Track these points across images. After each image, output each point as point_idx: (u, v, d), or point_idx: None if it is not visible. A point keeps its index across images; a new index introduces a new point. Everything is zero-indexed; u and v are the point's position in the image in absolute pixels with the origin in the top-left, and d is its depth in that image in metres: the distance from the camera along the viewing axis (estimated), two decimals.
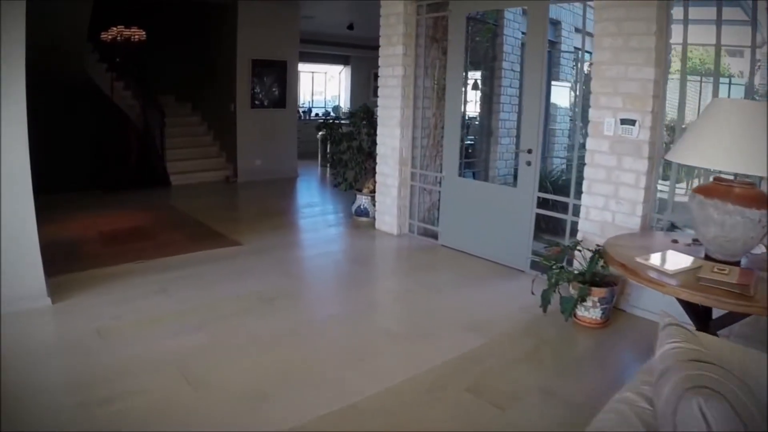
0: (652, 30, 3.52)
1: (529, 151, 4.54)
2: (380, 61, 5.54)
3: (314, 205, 7.20)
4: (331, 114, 12.89)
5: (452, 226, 5.22)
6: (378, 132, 5.60)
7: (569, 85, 8.93)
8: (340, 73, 13.49)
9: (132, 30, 8.65)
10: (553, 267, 3.74)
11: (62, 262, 4.39)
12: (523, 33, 7.27)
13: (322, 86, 13.71)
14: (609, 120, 3.82)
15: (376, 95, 5.12)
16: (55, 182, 7.54)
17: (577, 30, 8.20)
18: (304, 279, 4.26)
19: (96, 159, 8.35)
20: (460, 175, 5.28)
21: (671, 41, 3.70)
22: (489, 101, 6.94)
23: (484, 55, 6.80)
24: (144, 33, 8.70)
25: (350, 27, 10.66)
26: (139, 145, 8.56)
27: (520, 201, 4.59)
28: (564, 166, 7.70)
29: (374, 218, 5.90)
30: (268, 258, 4.72)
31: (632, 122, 3.73)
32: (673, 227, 3.98)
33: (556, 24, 8.52)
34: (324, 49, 12.16)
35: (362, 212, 6.04)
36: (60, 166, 8.05)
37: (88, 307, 3.55)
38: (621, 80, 3.72)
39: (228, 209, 6.95)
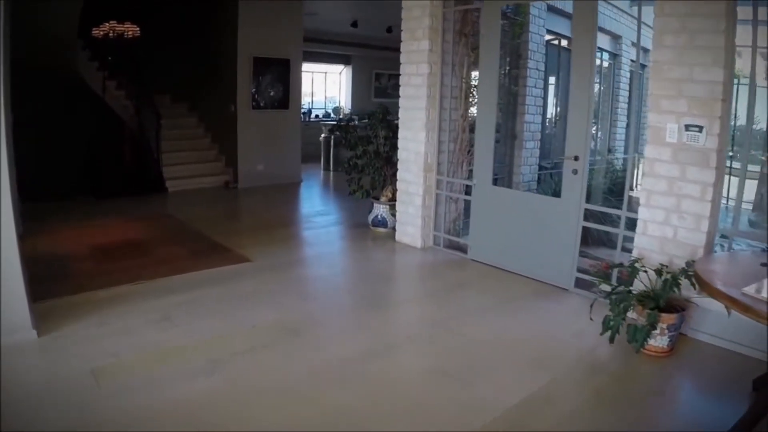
0: (720, 27, 3.13)
1: (576, 158, 4.09)
2: (402, 58, 5.05)
3: (324, 214, 6.68)
4: (332, 115, 12.38)
5: (484, 239, 4.75)
6: (399, 135, 5.11)
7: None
8: (340, 73, 12.98)
9: (125, 25, 8.10)
10: (615, 290, 3.29)
11: (49, 283, 3.86)
12: (548, 30, 6.87)
13: (322, 87, 13.18)
14: (672, 126, 3.39)
15: (377, 96, 4.73)
16: (42, 189, 6.98)
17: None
18: (327, 303, 3.75)
19: (87, 164, 7.78)
20: (494, 183, 4.80)
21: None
22: (513, 103, 6.48)
23: (510, 53, 6.34)
24: (138, 29, 8.15)
25: (354, 24, 10.20)
26: (134, 149, 8.00)
27: (565, 212, 4.15)
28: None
29: (393, 229, 5.42)
30: (281, 277, 4.21)
31: (699, 128, 3.31)
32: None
33: (617, 38, 8.50)
34: (324, 48, 11.64)
35: (380, 222, 5.55)
36: (48, 172, 7.49)
37: (81, 342, 3.02)
38: (686, 82, 3.31)
39: (231, 219, 6.42)
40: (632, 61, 8.99)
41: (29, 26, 6.35)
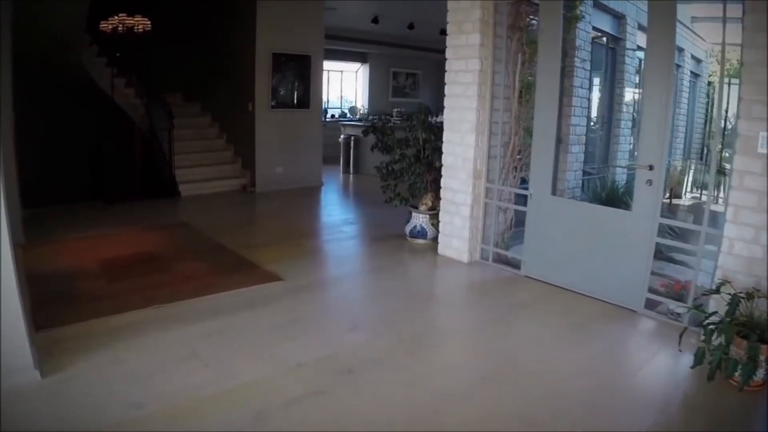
0: None
1: (651, 168, 3.59)
2: (448, 53, 4.54)
3: (353, 223, 6.14)
4: (348, 115, 11.87)
5: (540, 254, 4.25)
6: (444, 138, 4.59)
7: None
8: (357, 71, 12.47)
9: (135, 19, 7.59)
10: (711, 319, 2.85)
11: (54, 307, 3.36)
12: (594, 28, 6.37)
13: (337, 86, 12.66)
14: (764, 134, 2.96)
15: (395, 95, 4.24)
16: (46, 193, 6.49)
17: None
18: (378, 334, 3.22)
19: (94, 166, 7.27)
20: (553, 192, 4.28)
21: None
22: (559, 104, 5.95)
23: None
24: (148, 22, 7.64)
25: (375, 20, 9.69)
26: (144, 150, 7.48)
27: (636, 227, 3.68)
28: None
29: (434, 240, 4.93)
30: (319, 300, 3.70)
31: None
32: None
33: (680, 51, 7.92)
34: (341, 45, 11.12)
35: (419, 233, 5.03)
36: (53, 175, 7.01)
37: (93, 387, 2.51)
38: None
39: (252, 227, 5.90)
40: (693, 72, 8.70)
41: (33, 22, 5.91)
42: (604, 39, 6.74)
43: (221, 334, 3.08)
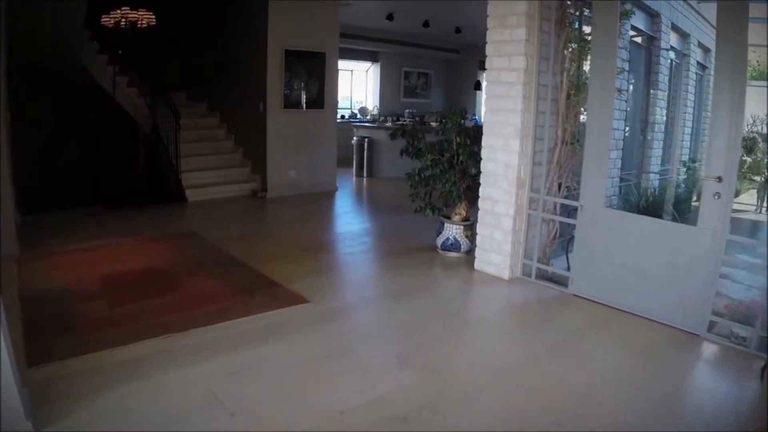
0: None
1: (719, 180, 3.18)
2: (489, 50, 4.11)
3: (375, 233, 5.66)
4: (359, 116, 11.43)
5: (591, 272, 3.84)
6: (484, 143, 4.16)
7: None
8: (367, 71, 12.03)
9: (139, 13, 7.14)
10: None
11: (49, 336, 2.93)
12: (633, 27, 5.96)
13: (347, 86, 12.20)
14: None
15: (406, 96, 3.83)
16: (44, 198, 6.05)
17: None
18: (431, 368, 2.75)
19: (95, 170, 6.84)
20: (608, 204, 3.86)
21: None
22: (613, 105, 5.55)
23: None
24: (153, 16, 7.20)
25: (390, 17, 9.26)
26: (148, 153, 7.03)
27: (701, 243, 3.30)
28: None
29: (467, 253, 4.53)
30: (355, 327, 3.26)
31: None
32: None
33: (686, 36, 7.46)
34: (351, 43, 10.67)
35: (452, 246, 4.60)
36: (51, 178, 6.58)
37: None
38: None
39: (266, 238, 5.43)
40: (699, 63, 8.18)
41: (27, 17, 5.47)
42: (640, 38, 6.33)
43: (246, 372, 2.64)
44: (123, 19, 7.12)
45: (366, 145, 8.96)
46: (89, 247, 4.64)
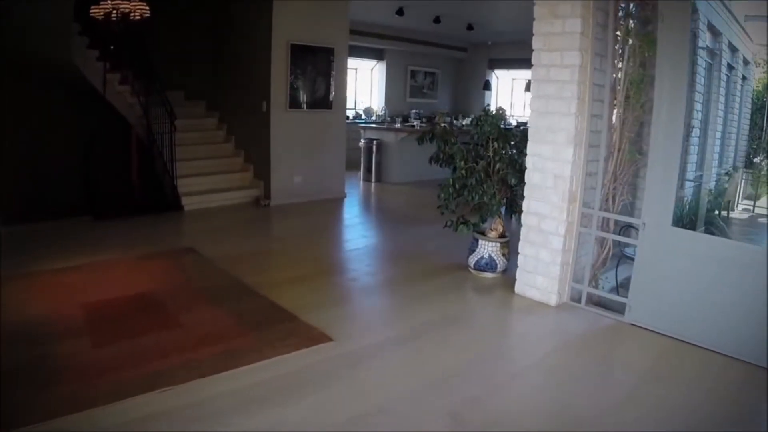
0: None
1: None
2: (536, 43, 3.57)
3: (395, 248, 5.01)
4: (363, 117, 10.87)
5: (653, 299, 3.36)
6: (530, 151, 3.62)
7: None
8: (372, 69, 11.47)
9: (131, 3, 6.55)
10: None
11: (21, 389, 2.37)
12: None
13: (351, 85, 11.62)
14: None
15: (412, 96, 3.34)
16: (29, 207, 5.49)
17: None
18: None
19: (84, 175, 6.25)
20: (674, 223, 3.33)
21: None
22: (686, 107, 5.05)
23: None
24: (147, 8, 6.60)
25: (400, 12, 8.70)
26: (141, 157, 6.45)
27: None
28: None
29: (503, 273, 4.03)
30: (391, 376, 2.70)
31: None
32: None
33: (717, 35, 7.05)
34: (356, 40, 10.11)
35: (486, 266, 4.06)
36: (36, 186, 6.01)
37: None
38: None
39: (273, 255, 4.82)
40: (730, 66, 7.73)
41: (13, 11, 4.92)
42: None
43: None
44: (114, 11, 6.53)
45: (375, 147, 8.41)
46: (75, 266, 4.07)
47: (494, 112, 3.89)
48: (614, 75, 3.53)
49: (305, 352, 2.81)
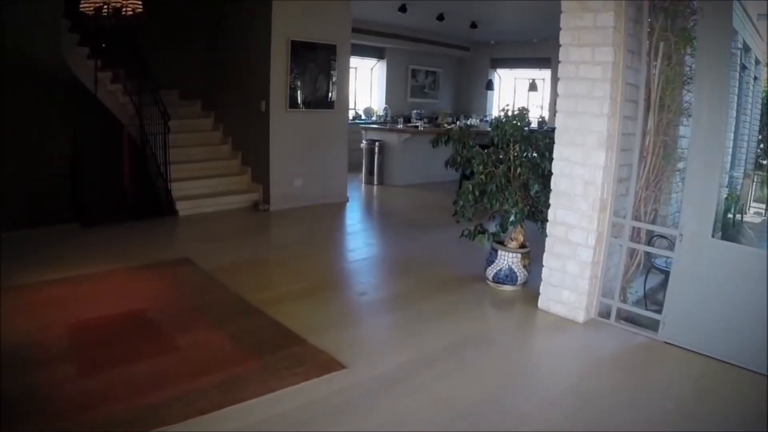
0: None
1: None
2: (564, 38, 3.28)
3: (404, 257, 4.67)
4: (363, 117, 10.58)
5: (690, 315, 3.13)
6: (557, 155, 3.34)
7: None
8: (372, 68, 11.17)
9: None
10: None
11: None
12: None
13: (351, 83, 11.30)
14: None
15: (413, 95, 3.09)
16: (13, 213, 5.16)
17: None
18: None
19: (72, 179, 5.93)
20: (715, 234, 3.07)
21: None
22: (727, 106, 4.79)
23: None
24: (140, 3, 6.28)
25: (402, 9, 8.41)
26: (133, 160, 6.13)
27: None
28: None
29: (523, 286, 3.77)
30: (414, 410, 2.39)
31: None
32: None
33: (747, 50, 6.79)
34: (357, 38, 9.79)
35: (506, 278, 3.78)
36: (22, 190, 5.68)
37: None
38: None
39: (275, 267, 4.48)
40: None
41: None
42: None
43: None
44: (105, 6, 6.20)
45: (377, 149, 8.11)
46: (60, 280, 3.76)
47: (515, 112, 3.59)
48: (648, 74, 3.26)
49: (316, 383, 2.52)
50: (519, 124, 3.52)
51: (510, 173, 3.66)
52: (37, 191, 5.97)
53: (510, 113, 3.63)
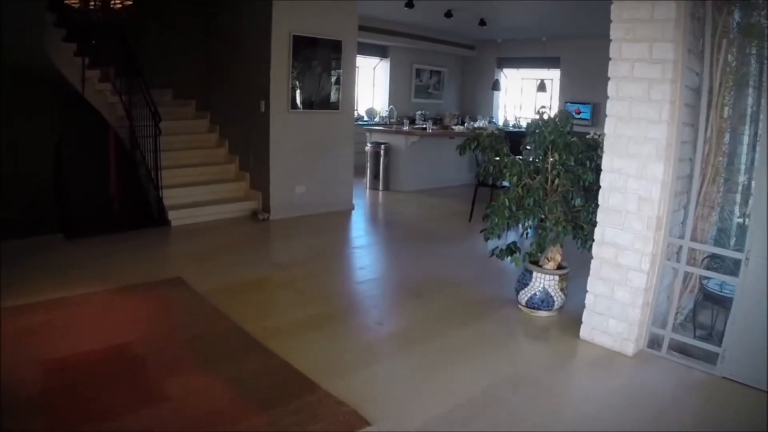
0: None
1: None
2: (615, 32, 2.85)
3: (423, 279, 4.14)
4: (366, 118, 10.14)
5: (756, 350, 2.71)
6: (606, 166, 2.91)
7: None
8: (375, 67, 10.73)
9: None
10: None
11: None
12: None
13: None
14: None
15: (417, 96, 2.70)
16: None
17: None
18: None
19: (56, 186, 5.45)
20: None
21: None
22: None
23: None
24: None
25: (409, 4, 7.97)
26: (122, 164, 5.67)
27: None
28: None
29: (559, 311, 3.37)
30: None
31: None
32: None
33: None
34: (360, 35, 9.34)
35: (541, 303, 3.35)
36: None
37: None
38: None
39: (279, 290, 3.96)
40: None
41: None
42: None
43: None
44: (93, 0, 5.74)
45: (382, 152, 7.68)
46: (36, 304, 3.30)
47: (557, 115, 3.16)
48: (711, 75, 2.84)
49: None
50: (561, 128, 3.08)
51: (547, 185, 3.23)
52: (19, 199, 5.51)
53: (547, 116, 3.20)
